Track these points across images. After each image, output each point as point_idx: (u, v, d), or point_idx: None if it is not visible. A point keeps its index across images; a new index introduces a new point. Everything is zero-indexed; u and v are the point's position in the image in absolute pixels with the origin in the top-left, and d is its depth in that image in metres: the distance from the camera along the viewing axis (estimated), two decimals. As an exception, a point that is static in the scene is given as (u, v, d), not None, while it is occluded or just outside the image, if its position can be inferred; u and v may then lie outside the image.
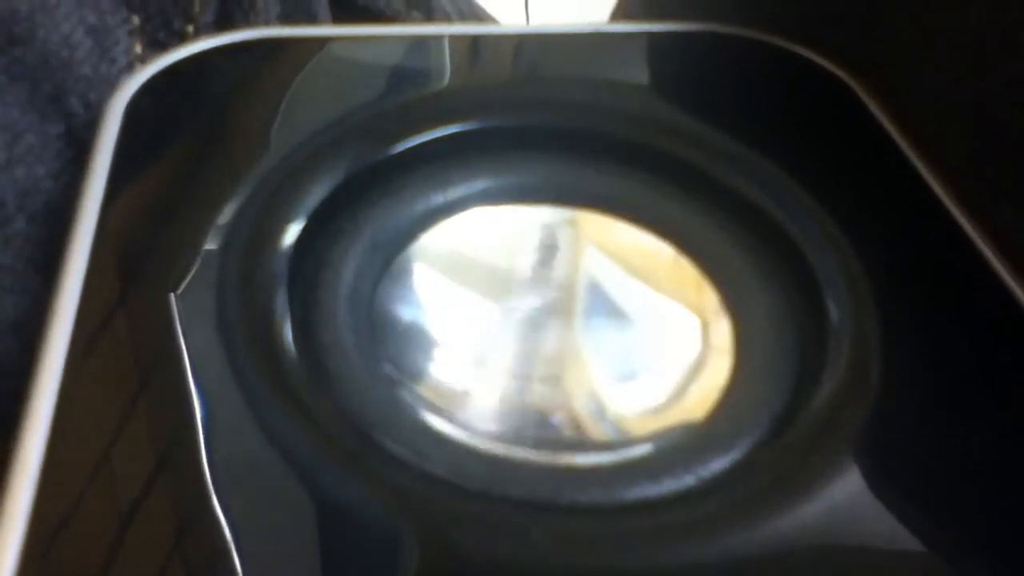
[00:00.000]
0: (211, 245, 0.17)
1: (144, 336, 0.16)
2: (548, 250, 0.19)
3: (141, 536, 0.14)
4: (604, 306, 0.18)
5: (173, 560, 0.14)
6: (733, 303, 0.18)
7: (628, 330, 0.18)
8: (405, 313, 0.18)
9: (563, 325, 0.18)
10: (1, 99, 0.19)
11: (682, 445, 0.16)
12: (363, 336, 0.17)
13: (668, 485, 0.15)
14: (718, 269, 0.18)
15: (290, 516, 0.14)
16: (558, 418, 0.17)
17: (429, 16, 0.28)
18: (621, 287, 0.18)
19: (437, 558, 0.14)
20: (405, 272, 0.18)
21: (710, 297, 0.18)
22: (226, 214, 0.18)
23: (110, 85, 0.21)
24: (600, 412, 0.17)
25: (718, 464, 0.16)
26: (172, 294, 0.17)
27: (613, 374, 0.17)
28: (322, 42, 0.22)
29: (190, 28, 0.23)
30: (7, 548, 0.13)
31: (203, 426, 0.15)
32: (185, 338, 0.16)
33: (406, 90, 0.21)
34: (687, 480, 0.15)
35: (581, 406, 0.17)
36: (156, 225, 0.18)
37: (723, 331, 0.17)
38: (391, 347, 0.17)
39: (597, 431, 0.16)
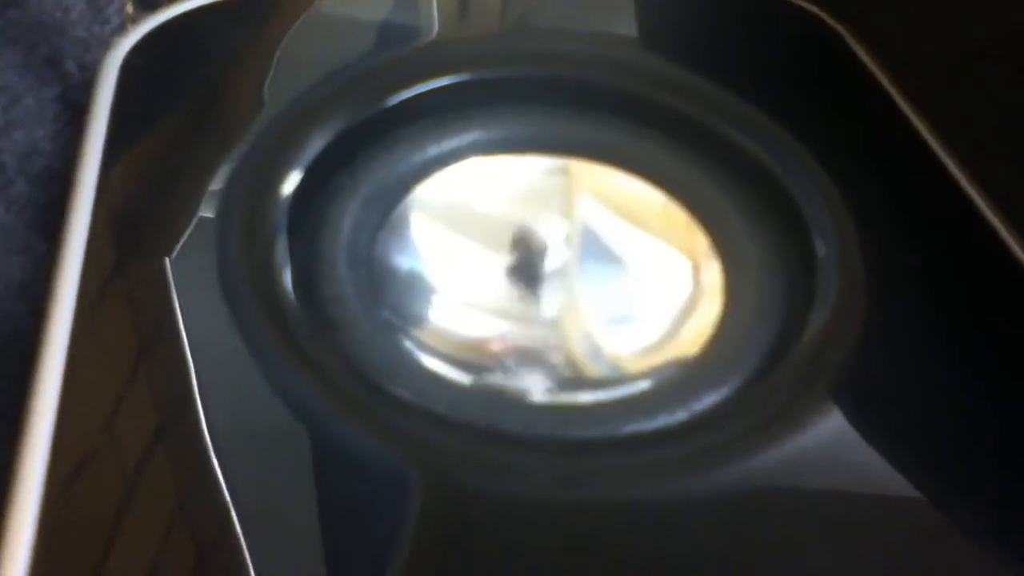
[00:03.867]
0: (209, 203, 0.18)
1: (147, 294, 0.16)
2: (542, 198, 0.19)
3: (151, 489, 0.14)
4: (599, 251, 0.19)
5: (183, 510, 0.14)
6: (723, 245, 0.18)
7: (623, 273, 0.18)
8: (404, 263, 0.18)
9: (559, 270, 0.18)
10: (-3, 62, 0.19)
11: (676, 382, 0.16)
12: (364, 287, 0.17)
13: (662, 420, 0.16)
14: (708, 213, 0.18)
15: (299, 461, 0.14)
16: (557, 359, 0.17)
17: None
18: (615, 232, 0.19)
19: (442, 494, 0.14)
20: (403, 223, 0.19)
21: (700, 240, 0.18)
22: (224, 171, 0.18)
23: (104, 46, 0.21)
24: (597, 352, 0.17)
25: (710, 399, 0.16)
26: (168, 256, 0.17)
27: (610, 316, 0.18)
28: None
29: (180, -14, 0.23)
30: (25, 504, 0.13)
31: (209, 381, 0.15)
32: (186, 296, 0.16)
33: (397, 44, 0.21)
34: (680, 415, 0.16)
35: (579, 347, 0.17)
36: (155, 184, 0.18)
37: (714, 273, 0.18)
38: (392, 296, 0.17)
39: (594, 370, 0.17)
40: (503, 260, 0.18)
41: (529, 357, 0.17)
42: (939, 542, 0.14)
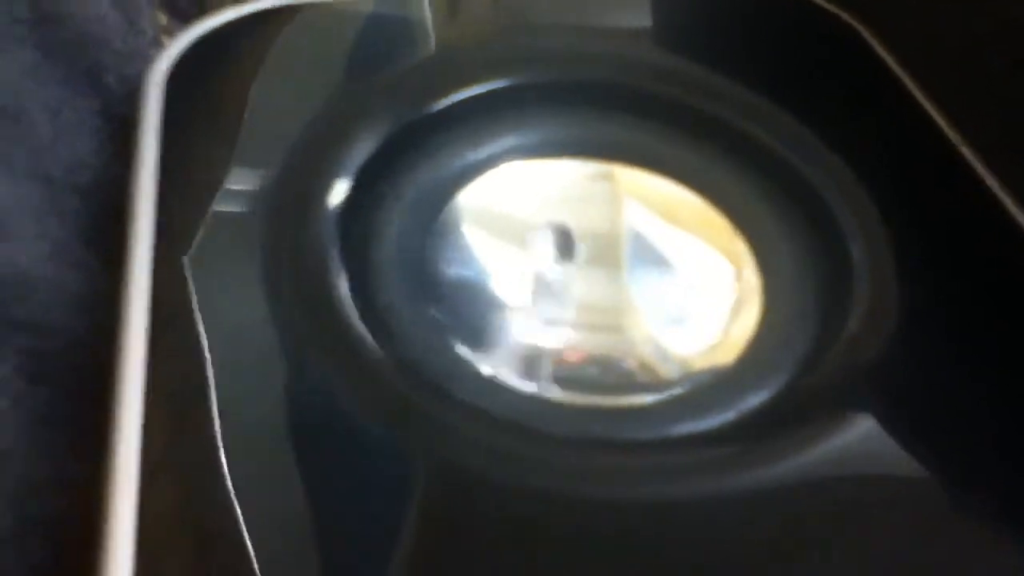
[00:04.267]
0: (260, 215, 0.18)
1: (207, 308, 0.17)
2: (583, 201, 0.20)
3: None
4: (644, 254, 0.19)
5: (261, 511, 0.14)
6: (758, 248, 0.19)
7: (669, 277, 0.19)
8: (453, 269, 0.19)
9: (609, 274, 0.18)
10: (38, 76, 0.20)
11: (720, 384, 0.17)
12: (416, 295, 0.18)
13: (711, 421, 0.16)
14: (743, 217, 0.19)
15: (367, 469, 0.15)
16: (610, 362, 0.18)
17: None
18: (658, 236, 0.19)
19: (498, 496, 0.15)
20: (448, 229, 0.19)
21: (738, 244, 0.19)
22: (271, 182, 0.18)
23: (141, 58, 0.21)
24: (648, 356, 0.18)
25: (756, 399, 0.17)
26: (223, 269, 0.17)
27: (659, 319, 0.18)
28: (343, 5, 0.22)
29: (210, -5, 0.23)
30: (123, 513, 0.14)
31: (276, 395, 0.16)
32: (247, 308, 0.16)
33: (432, 50, 0.21)
34: (729, 415, 0.17)
35: (632, 350, 0.18)
36: (208, 198, 0.18)
37: (751, 275, 0.18)
38: (444, 303, 0.18)
39: (646, 374, 0.17)
40: (548, 264, 0.19)
41: (582, 361, 0.18)
42: (974, 535, 0.15)
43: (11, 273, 0.17)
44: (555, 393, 0.17)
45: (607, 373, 0.18)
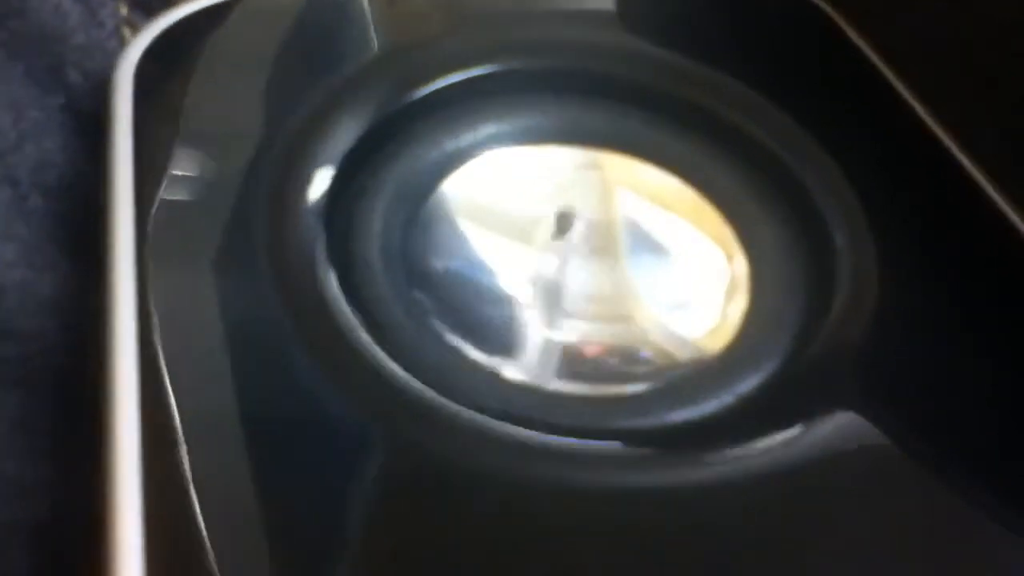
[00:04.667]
0: (244, 210, 0.18)
1: (196, 304, 0.16)
2: (567, 188, 0.20)
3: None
4: (641, 242, 0.19)
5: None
6: (744, 234, 0.19)
7: (666, 264, 0.19)
8: (440, 261, 0.18)
9: (603, 261, 0.19)
10: (2, 76, 0.19)
11: (712, 372, 0.17)
12: (402, 287, 0.18)
13: (707, 407, 0.17)
14: (728, 204, 0.19)
15: (366, 466, 0.15)
16: (619, 351, 0.18)
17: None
18: (648, 222, 0.19)
19: (505, 493, 0.15)
20: (433, 220, 0.19)
21: (724, 230, 0.19)
22: (252, 176, 0.18)
23: (102, 51, 0.21)
24: (656, 344, 0.18)
25: (752, 382, 0.17)
26: (210, 263, 0.17)
27: (659, 306, 0.18)
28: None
29: (171, -15, 0.23)
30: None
31: (270, 392, 0.15)
32: (238, 304, 0.16)
33: (408, 37, 0.21)
34: (726, 399, 0.17)
35: (635, 340, 0.18)
36: (191, 194, 0.18)
37: (740, 262, 0.18)
38: (432, 295, 0.18)
39: (643, 363, 0.17)
40: (542, 254, 0.19)
41: (579, 351, 0.18)
42: (964, 520, 0.15)
43: None
44: (551, 383, 0.17)
45: (605, 362, 0.18)
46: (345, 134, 0.19)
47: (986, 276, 0.18)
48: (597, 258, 0.19)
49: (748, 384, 0.17)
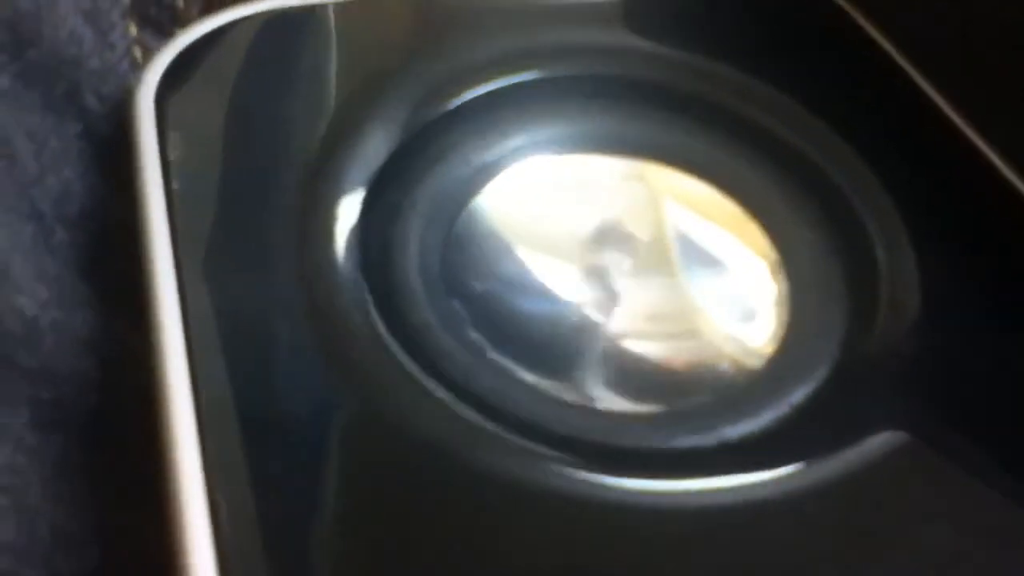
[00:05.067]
0: (278, 238, 0.17)
1: (238, 338, 0.16)
2: (601, 199, 0.19)
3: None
4: (687, 255, 0.19)
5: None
6: (783, 244, 0.19)
7: (711, 278, 0.19)
8: (484, 283, 0.18)
9: (652, 275, 0.18)
10: (21, 106, 0.18)
11: (764, 386, 0.17)
12: (446, 311, 0.17)
13: (767, 418, 0.16)
14: (765, 213, 0.19)
15: (443, 496, 0.15)
16: (659, 367, 0.17)
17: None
18: (693, 236, 0.19)
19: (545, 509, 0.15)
20: (470, 239, 0.19)
21: (763, 241, 0.19)
22: (285, 201, 0.18)
23: (116, 74, 0.20)
24: (710, 359, 0.17)
25: (801, 394, 0.17)
26: (254, 295, 0.17)
27: (709, 321, 0.18)
28: (336, 7, 0.21)
29: (180, 2, 0.22)
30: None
31: (314, 418, 0.15)
32: (288, 339, 0.16)
33: (433, 47, 0.21)
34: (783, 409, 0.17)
35: (695, 355, 0.17)
36: (225, 223, 0.17)
37: (780, 273, 0.18)
38: (477, 316, 0.17)
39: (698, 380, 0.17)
40: (580, 266, 0.18)
41: (629, 367, 0.17)
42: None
43: (17, 322, 0.16)
44: (604, 402, 0.17)
45: (651, 378, 0.17)
46: (375, 151, 0.19)
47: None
48: (641, 272, 0.19)
49: (797, 397, 0.17)
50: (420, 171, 0.19)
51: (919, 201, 0.19)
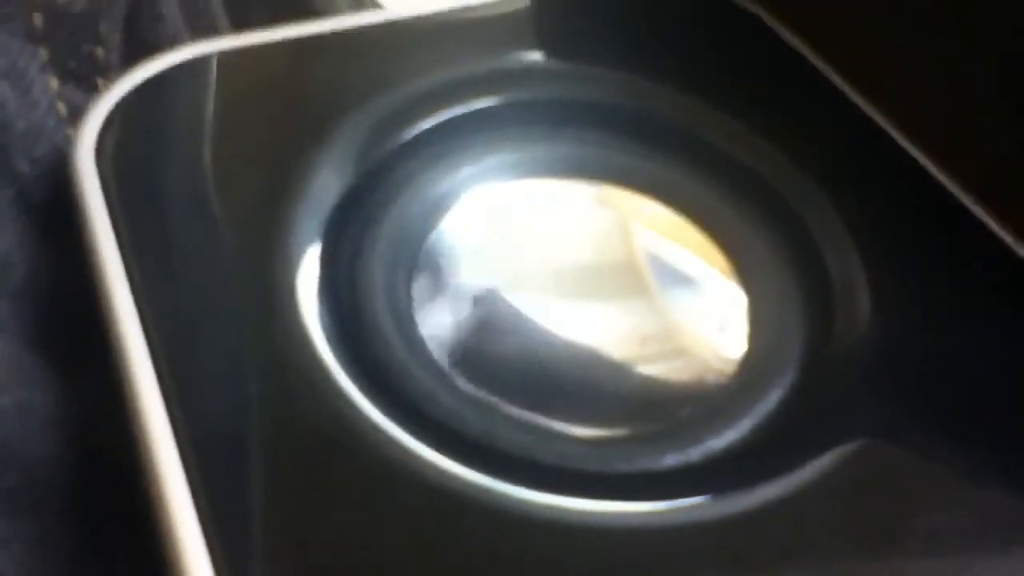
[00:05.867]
0: (237, 292, 0.17)
1: (218, 396, 0.16)
2: (554, 222, 0.20)
3: None
4: (656, 275, 0.19)
5: None
6: (739, 263, 0.19)
7: (686, 295, 0.19)
8: (455, 316, 0.18)
9: (625, 298, 0.19)
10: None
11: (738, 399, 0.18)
12: (421, 352, 0.17)
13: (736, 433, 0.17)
14: (719, 228, 0.19)
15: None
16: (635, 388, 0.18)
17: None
18: (655, 257, 0.19)
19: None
20: (437, 273, 0.19)
21: (718, 256, 0.19)
22: (240, 250, 0.18)
23: (43, 132, 0.20)
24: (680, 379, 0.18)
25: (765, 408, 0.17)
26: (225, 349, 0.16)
27: (692, 338, 0.18)
28: (269, 47, 0.21)
29: (99, 50, 0.21)
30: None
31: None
32: (250, 398, 0.16)
33: (365, 88, 0.21)
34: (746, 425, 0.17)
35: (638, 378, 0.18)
36: (187, 273, 0.17)
37: (737, 291, 0.19)
38: (456, 353, 0.17)
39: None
40: (545, 291, 0.19)
41: (599, 389, 0.18)
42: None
43: None
44: (567, 425, 0.17)
45: (625, 401, 0.18)
46: (328, 191, 0.19)
47: (971, 282, 0.19)
48: (604, 293, 0.19)
49: (763, 410, 0.17)
50: (377, 207, 0.19)
51: (859, 205, 0.20)
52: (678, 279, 0.19)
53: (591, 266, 0.19)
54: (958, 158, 0.19)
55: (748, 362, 0.18)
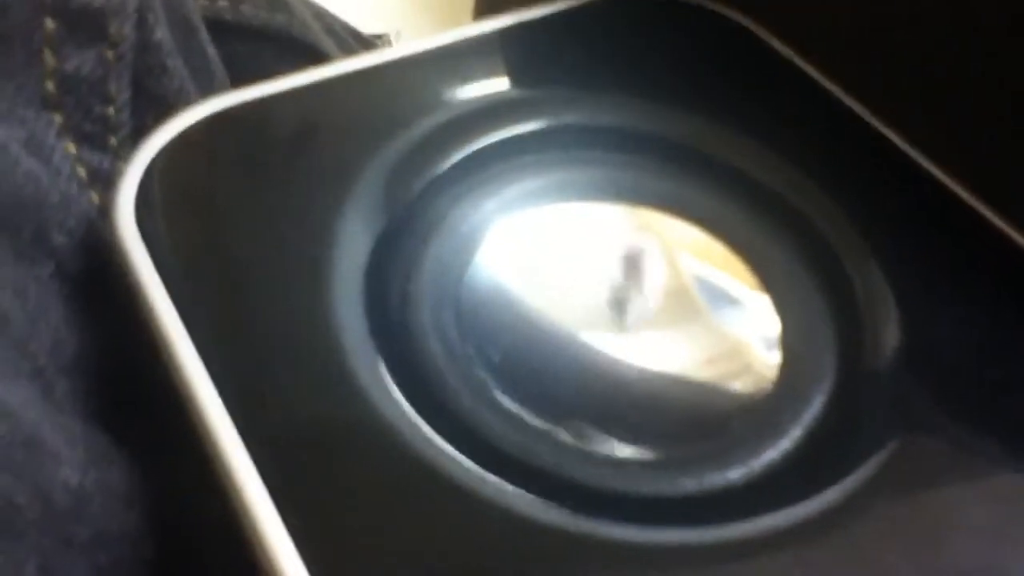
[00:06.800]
0: (296, 343, 0.17)
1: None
2: (590, 247, 0.20)
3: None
4: (693, 297, 0.20)
5: None
6: (770, 281, 0.20)
7: (723, 317, 0.20)
8: (501, 348, 0.19)
9: (663, 319, 0.19)
10: (-2, 260, 0.17)
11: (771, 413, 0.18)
12: (480, 385, 0.18)
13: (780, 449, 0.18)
14: (748, 250, 0.20)
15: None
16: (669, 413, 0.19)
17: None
18: (698, 277, 0.20)
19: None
20: (480, 309, 0.19)
21: (750, 275, 0.20)
22: (294, 301, 0.18)
23: (71, 200, 0.19)
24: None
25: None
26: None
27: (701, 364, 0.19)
28: (287, 95, 0.21)
29: (111, 110, 0.21)
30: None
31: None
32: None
33: (391, 125, 0.21)
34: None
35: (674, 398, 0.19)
36: (243, 327, 0.17)
37: (769, 312, 0.20)
38: (508, 383, 0.18)
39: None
40: (587, 312, 0.19)
41: (645, 411, 0.18)
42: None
43: (66, 495, 0.15)
44: (616, 448, 0.18)
45: (667, 422, 0.18)
46: (368, 231, 0.19)
47: (990, 287, 0.20)
48: (642, 316, 0.19)
49: (796, 431, 0.18)
50: (416, 243, 0.19)
51: (876, 217, 0.20)
52: (713, 295, 0.20)
53: (629, 287, 0.20)
54: (972, 167, 0.20)
55: (787, 374, 0.19)
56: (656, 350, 0.19)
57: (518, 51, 0.23)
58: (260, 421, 0.17)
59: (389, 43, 0.49)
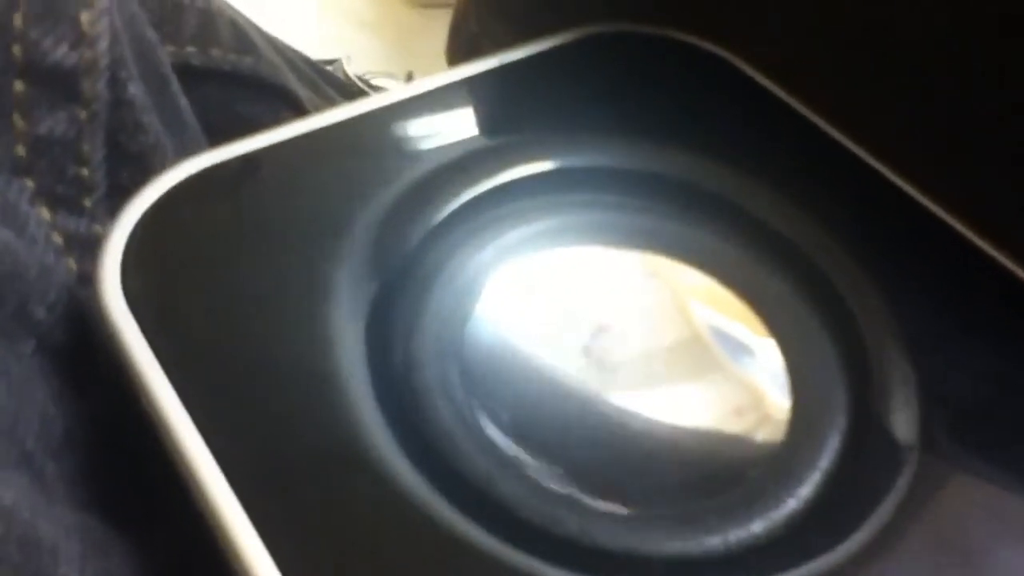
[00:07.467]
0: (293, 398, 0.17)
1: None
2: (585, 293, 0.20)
3: None
4: (698, 343, 0.19)
5: None
6: (774, 322, 0.20)
7: (714, 370, 0.19)
8: (505, 402, 0.18)
9: (666, 367, 0.19)
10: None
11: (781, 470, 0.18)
12: (483, 440, 0.17)
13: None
14: (749, 291, 0.20)
15: None
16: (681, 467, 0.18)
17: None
18: (703, 322, 0.20)
19: None
20: (483, 359, 0.18)
21: (753, 318, 0.20)
22: (289, 357, 0.17)
23: (49, 273, 0.18)
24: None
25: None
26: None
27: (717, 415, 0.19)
28: (270, 150, 0.20)
29: (85, 171, 0.20)
30: None
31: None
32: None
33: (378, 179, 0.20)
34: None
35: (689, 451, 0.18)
36: (238, 391, 0.17)
37: (777, 358, 0.19)
38: (515, 437, 0.18)
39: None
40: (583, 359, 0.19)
41: (657, 467, 0.18)
42: None
43: None
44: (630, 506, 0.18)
45: (679, 477, 0.18)
46: (367, 285, 0.19)
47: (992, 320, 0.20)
48: (647, 362, 0.19)
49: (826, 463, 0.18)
50: (416, 299, 0.19)
51: (879, 256, 0.20)
52: (721, 342, 0.19)
53: (629, 336, 0.19)
54: (969, 204, 0.20)
55: (799, 417, 0.19)
56: (662, 402, 0.19)
57: (500, 94, 0.23)
58: (267, 498, 0.16)
59: (341, 68, 0.48)
